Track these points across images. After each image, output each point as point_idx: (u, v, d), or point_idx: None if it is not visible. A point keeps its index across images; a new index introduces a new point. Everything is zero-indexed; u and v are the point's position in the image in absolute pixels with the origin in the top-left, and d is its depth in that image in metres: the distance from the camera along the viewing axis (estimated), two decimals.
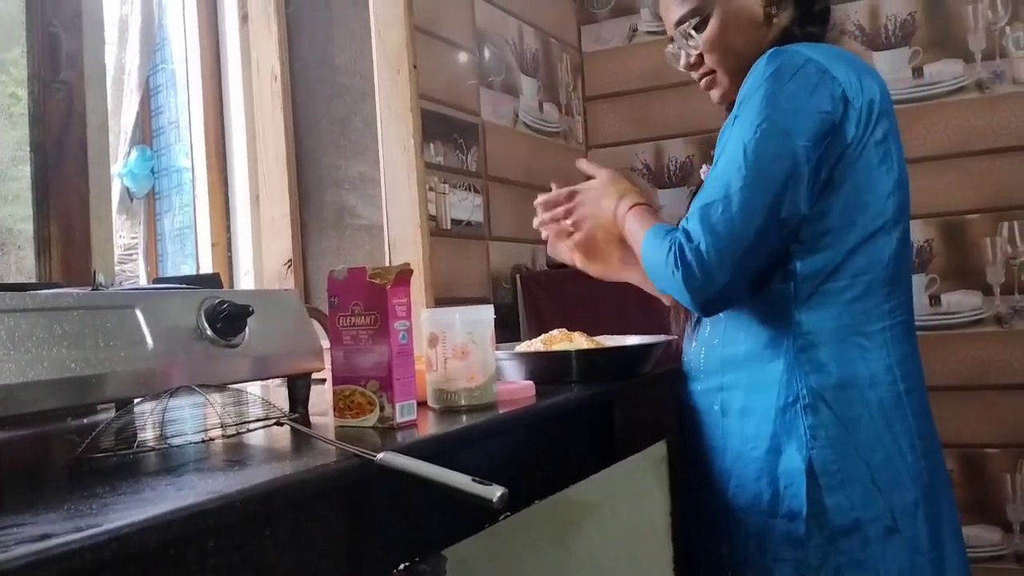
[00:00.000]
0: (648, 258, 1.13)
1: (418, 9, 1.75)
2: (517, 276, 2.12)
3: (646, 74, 2.67)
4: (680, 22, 1.20)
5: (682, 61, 1.23)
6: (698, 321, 1.24)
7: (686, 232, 1.07)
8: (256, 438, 0.83)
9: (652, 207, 1.23)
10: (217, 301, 0.92)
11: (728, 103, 1.19)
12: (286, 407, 1.04)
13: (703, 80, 1.23)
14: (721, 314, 1.17)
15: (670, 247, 1.07)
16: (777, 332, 1.12)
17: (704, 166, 1.20)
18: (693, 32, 1.18)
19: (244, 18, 1.81)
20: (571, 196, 1.31)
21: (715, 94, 1.23)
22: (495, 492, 0.66)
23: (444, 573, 1.43)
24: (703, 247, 1.04)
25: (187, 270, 1.84)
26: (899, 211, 1.13)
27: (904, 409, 1.11)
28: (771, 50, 1.10)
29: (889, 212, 1.11)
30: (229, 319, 0.91)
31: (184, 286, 1.00)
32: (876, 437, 1.09)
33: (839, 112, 1.06)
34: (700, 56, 1.20)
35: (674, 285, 1.08)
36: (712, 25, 1.17)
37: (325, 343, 1.22)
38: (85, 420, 1.11)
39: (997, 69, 2.28)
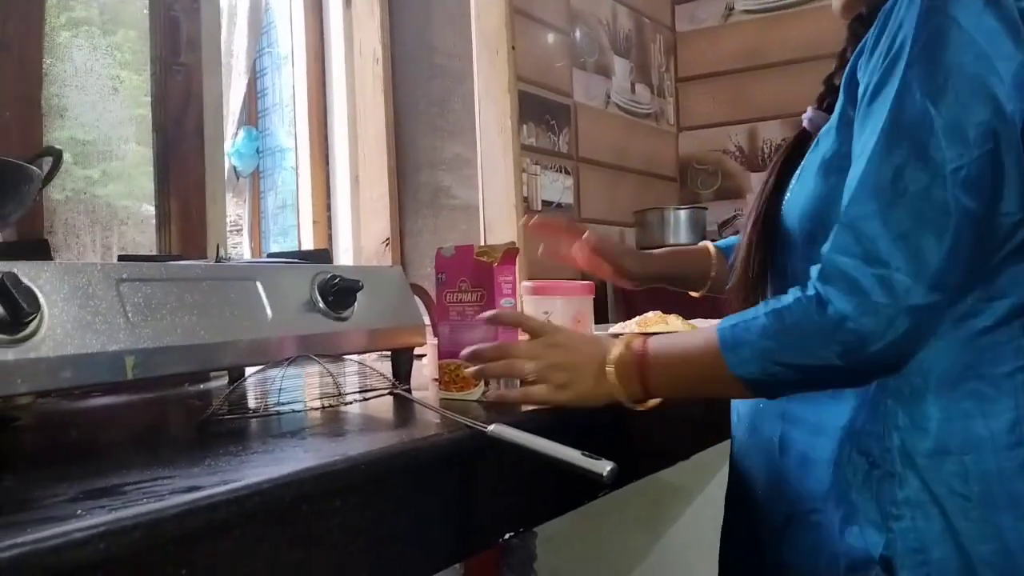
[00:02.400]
0: (767, 353, 0.74)
1: None
2: None
3: (741, 54, 2.60)
4: None
5: None
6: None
7: (829, 267, 0.71)
8: (369, 407, 0.87)
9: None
10: (329, 275, 0.95)
11: (851, 14, 0.88)
12: (389, 376, 1.07)
13: None
14: None
15: (805, 303, 0.72)
16: None
17: (810, 109, 0.89)
18: None
19: (348, 2, 1.86)
20: (538, 333, 0.87)
21: (836, 3, 0.90)
22: (605, 467, 0.67)
23: (534, 547, 1.45)
24: (870, 278, 0.69)
25: (288, 246, 1.91)
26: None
27: None
28: None
29: None
30: (340, 293, 0.95)
31: (297, 261, 1.04)
32: (986, 522, 0.75)
33: None
34: None
35: (839, 346, 0.71)
36: None
37: (426, 319, 1.25)
38: (201, 386, 1.17)
39: None
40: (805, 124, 0.88)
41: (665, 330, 1.30)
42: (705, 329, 0.80)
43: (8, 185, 0.78)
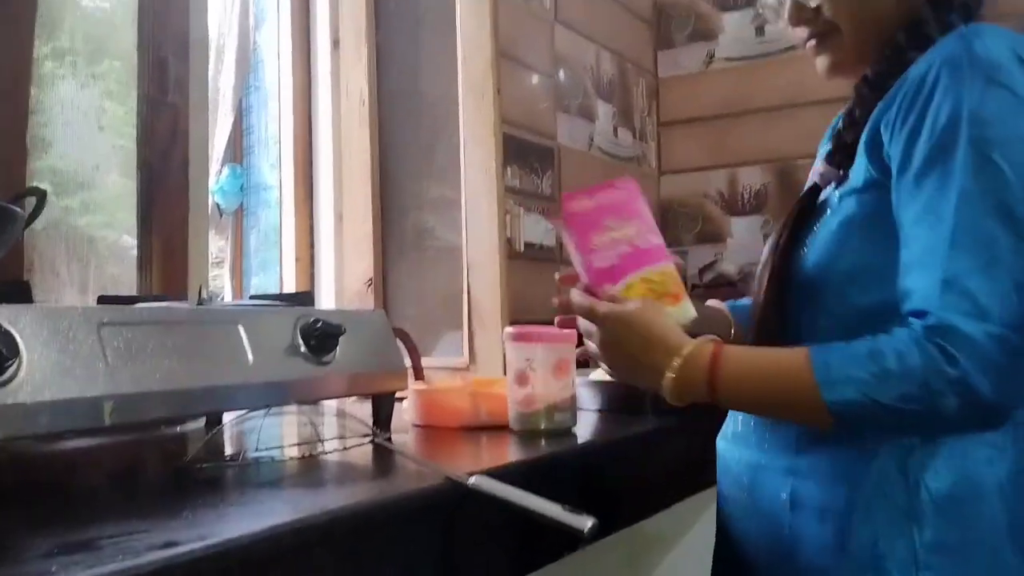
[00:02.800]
0: (867, 387, 0.73)
1: (502, 33, 1.78)
2: None
3: (722, 100, 2.65)
4: None
5: (788, 10, 0.92)
6: None
7: (940, 322, 0.71)
8: (350, 456, 0.86)
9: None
10: (312, 319, 0.95)
11: (838, 75, 0.92)
12: (370, 422, 1.07)
13: (812, 41, 0.93)
14: None
15: (927, 345, 0.71)
16: None
17: (819, 164, 0.89)
18: None
19: (335, 43, 1.88)
20: (595, 318, 0.86)
21: (824, 61, 0.93)
22: (586, 522, 0.67)
23: None
24: (983, 335, 0.69)
25: (270, 284, 1.90)
26: None
27: None
28: (951, 43, 0.79)
29: None
30: (323, 337, 0.95)
31: (279, 303, 1.04)
32: (1003, 568, 0.79)
33: None
34: (818, 8, 0.90)
35: (955, 399, 0.70)
36: None
37: (407, 362, 1.24)
38: (178, 428, 1.16)
39: None
40: (816, 179, 0.89)
41: None
42: (784, 349, 0.79)
43: None
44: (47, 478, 0.83)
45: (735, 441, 0.97)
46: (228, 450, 0.84)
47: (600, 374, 1.36)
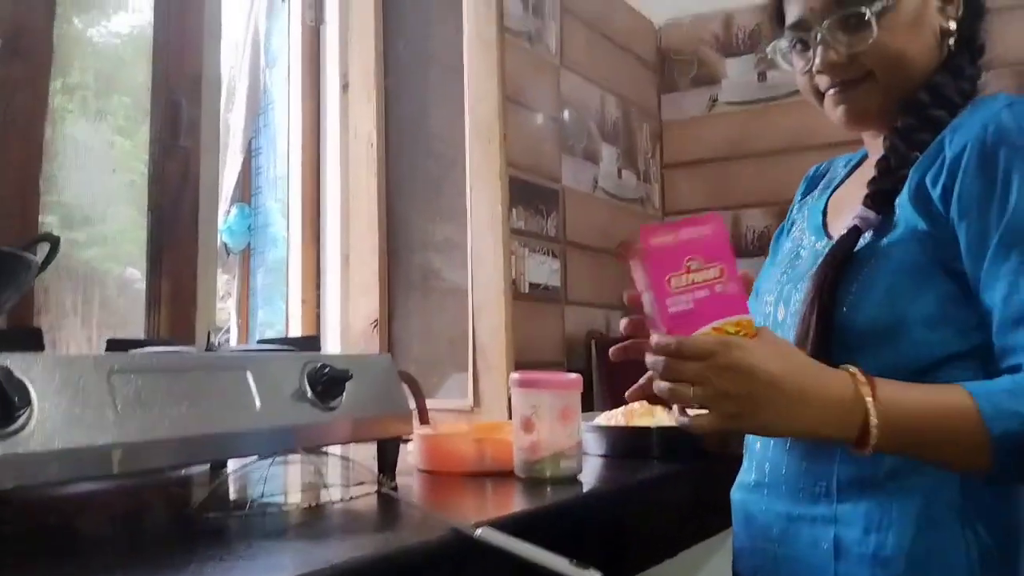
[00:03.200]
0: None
1: (509, 78, 1.81)
2: (592, 341, 2.12)
3: (725, 143, 2.68)
4: (853, 2, 0.88)
5: (819, 60, 0.91)
6: None
7: None
8: (356, 505, 0.86)
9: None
10: (319, 365, 0.95)
11: (859, 125, 0.95)
12: (374, 469, 1.07)
13: (837, 87, 0.92)
14: None
15: None
16: None
17: (861, 208, 0.88)
18: (873, 17, 0.88)
19: (345, 87, 1.90)
20: (702, 356, 0.74)
21: (849, 109, 0.92)
22: None
23: None
24: None
25: (277, 322, 1.91)
26: None
27: None
28: (999, 113, 0.81)
29: None
30: (330, 383, 0.95)
31: (287, 348, 1.04)
32: None
33: None
34: (855, 54, 0.89)
35: None
36: (903, 13, 0.88)
37: (412, 404, 1.24)
38: (183, 472, 1.15)
39: None
40: (857, 222, 0.87)
41: (651, 422, 1.30)
42: (935, 386, 0.77)
43: (6, 274, 0.79)
44: (51, 523, 0.83)
45: (759, 491, 0.94)
46: (233, 498, 0.84)
47: (607, 416, 1.36)
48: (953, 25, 0.90)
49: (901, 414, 0.74)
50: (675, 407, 0.81)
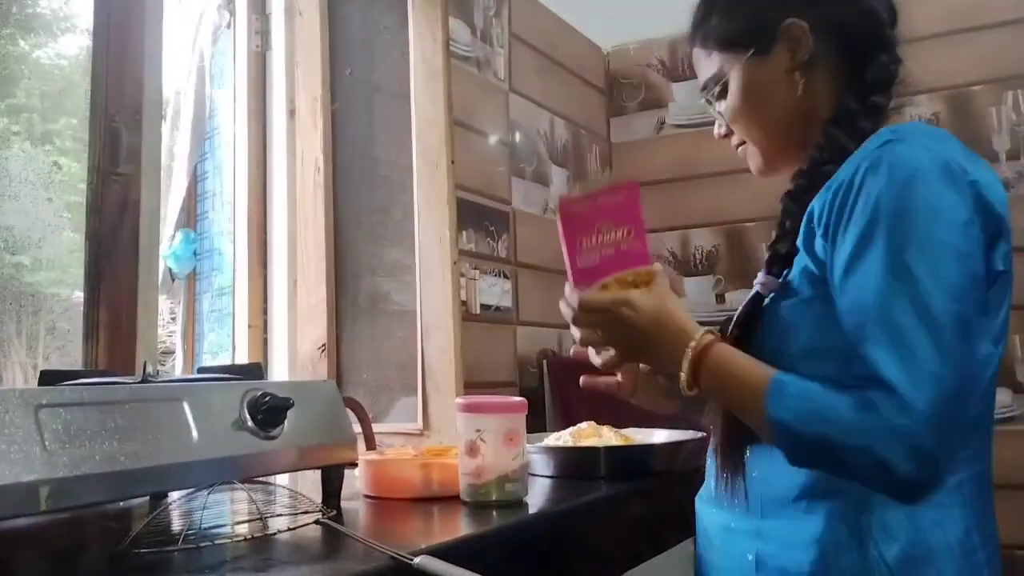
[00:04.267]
0: (799, 404, 0.82)
1: (456, 101, 1.82)
2: (544, 361, 2.13)
3: (673, 165, 2.73)
4: (703, 87, 1.05)
5: (715, 131, 1.07)
6: (735, 441, 0.96)
7: (891, 397, 0.77)
8: (293, 535, 0.85)
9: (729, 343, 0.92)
10: (259, 393, 0.94)
11: (767, 175, 1.04)
12: (318, 497, 1.05)
13: (739, 149, 1.05)
14: (766, 445, 0.89)
15: (865, 405, 0.78)
16: (836, 479, 0.86)
17: (761, 275, 0.96)
18: (716, 103, 1.03)
19: (291, 113, 1.90)
20: (599, 309, 0.93)
21: (752, 164, 1.05)
22: None
23: None
24: (921, 409, 0.75)
25: (220, 345, 1.88)
26: (999, 339, 0.90)
27: None
28: (878, 148, 0.86)
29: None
30: (270, 411, 0.94)
31: (227, 376, 1.03)
32: None
33: (992, 222, 0.84)
34: (729, 127, 1.04)
35: (874, 466, 0.77)
36: (732, 93, 1.00)
37: (357, 429, 1.23)
38: (120, 504, 1.13)
39: (1022, 169, 2.31)
40: (758, 288, 0.95)
41: (598, 442, 1.31)
42: (762, 365, 0.87)
43: None
44: None
45: (708, 502, 1.03)
46: (169, 532, 0.82)
47: (555, 437, 1.36)
48: (798, 76, 0.97)
49: (717, 372, 0.88)
50: (591, 352, 0.99)
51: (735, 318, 0.98)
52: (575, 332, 0.97)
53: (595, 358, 0.99)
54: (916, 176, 0.82)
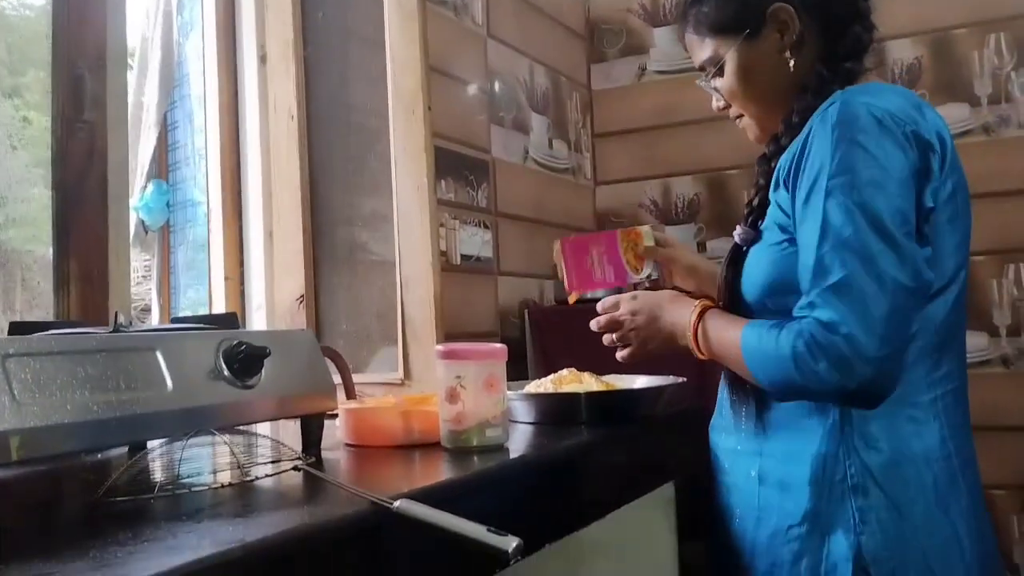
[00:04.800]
0: (759, 358, 0.98)
1: (432, 48, 1.78)
2: (525, 311, 2.13)
3: (654, 112, 2.70)
4: (701, 69, 1.17)
5: (713, 104, 1.19)
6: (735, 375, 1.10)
7: (820, 321, 0.91)
8: (271, 482, 0.84)
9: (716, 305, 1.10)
10: (235, 342, 0.93)
11: (765, 142, 1.13)
12: (299, 446, 1.05)
13: (737, 120, 1.18)
14: None
15: (797, 341, 0.92)
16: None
17: (738, 227, 1.11)
18: (713, 80, 1.15)
19: (263, 59, 1.85)
20: (615, 307, 1.19)
21: (750, 134, 1.18)
22: (510, 543, 0.67)
23: None
24: (848, 330, 0.89)
25: (195, 298, 1.86)
26: (958, 270, 1.04)
27: (959, 487, 1.01)
28: (828, 108, 0.99)
29: (949, 272, 1.02)
30: (246, 360, 0.93)
31: (202, 326, 1.01)
32: (931, 521, 0.98)
33: (922, 164, 0.97)
34: (726, 101, 1.16)
35: (816, 381, 0.91)
36: (727, 74, 1.12)
37: (337, 379, 1.23)
38: (99, 456, 1.12)
39: (1003, 113, 2.30)
40: (737, 239, 1.10)
41: (578, 388, 1.31)
42: (739, 320, 1.04)
43: None
44: None
45: (719, 429, 1.19)
46: (147, 480, 0.82)
47: (536, 384, 1.36)
48: (790, 54, 1.09)
49: (711, 336, 1.06)
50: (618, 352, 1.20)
51: (722, 265, 1.13)
52: (605, 339, 1.21)
53: (619, 354, 1.20)
54: (857, 132, 0.94)
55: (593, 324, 1.20)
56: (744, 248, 1.10)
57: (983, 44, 2.33)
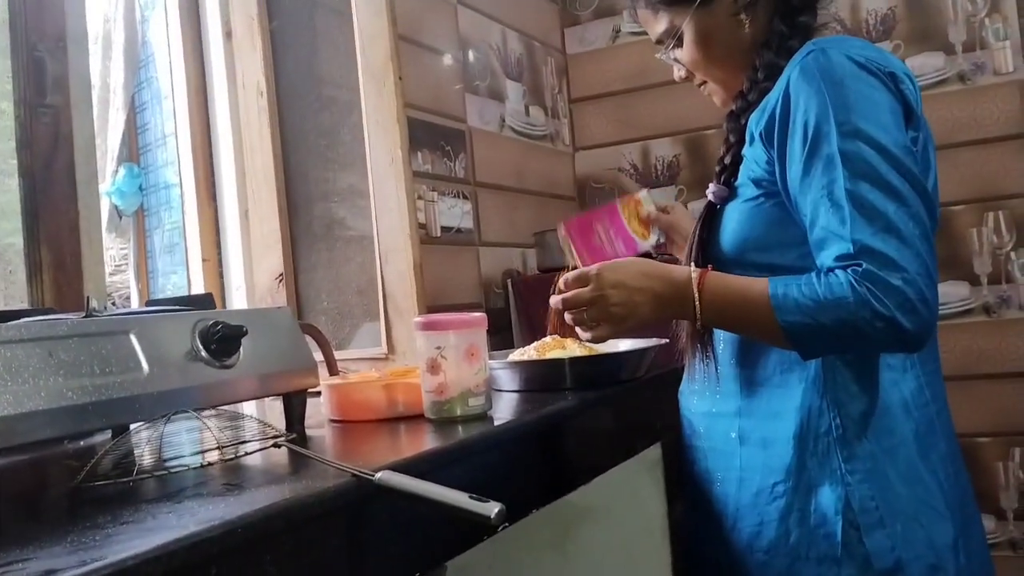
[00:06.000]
0: (801, 308, 0.92)
1: (401, 18, 1.75)
2: (508, 281, 2.13)
3: (630, 74, 2.68)
4: (658, 42, 1.18)
5: (675, 75, 1.20)
6: (708, 336, 1.11)
7: (878, 264, 0.88)
8: (253, 460, 0.84)
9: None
10: (211, 323, 0.92)
11: (730, 105, 1.14)
12: (282, 425, 1.05)
13: (701, 87, 1.20)
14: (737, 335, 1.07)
15: (858, 286, 0.88)
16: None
17: (712, 184, 1.11)
18: (673, 52, 1.16)
19: (228, 34, 1.81)
20: (586, 280, 1.04)
21: (715, 100, 1.20)
22: (492, 509, 0.67)
23: None
24: (909, 272, 0.87)
25: (179, 283, 1.84)
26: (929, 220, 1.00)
27: (937, 434, 1.03)
28: (804, 58, 0.98)
29: None
30: (223, 340, 0.92)
31: (177, 308, 1.00)
32: (912, 468, 1.00)
33: (901, 105, 0.97)
34: (687, 70, 1.18)
35: (877, 324, 0.88)
36: (686, 43, 1.13)
37: (319, 357, 1.22)
38: (82, 443, 1.11)
39: (978, 61, 2.30)
40: (711, 197, 1.11)
41: (562, 354, 1.31)
42: (752, 279, 0.98)
43: None
44: None
45: (689, 395, 1.18)
46: (127, 464, 0.81)
47: (520, 352, 1.36)
48: (744, 15, 1.09)
49: (718, 299, 0.99)
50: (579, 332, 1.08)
51: (696, 223, 1.12)
52: (567, 317, 1.07)
53: (584, 335, 1.07)
54: (844, 77, 0.95)
55: (555, 301, 1.07)
56: (718, 206, 1.11)
57: None
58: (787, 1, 1.10)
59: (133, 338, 0.85)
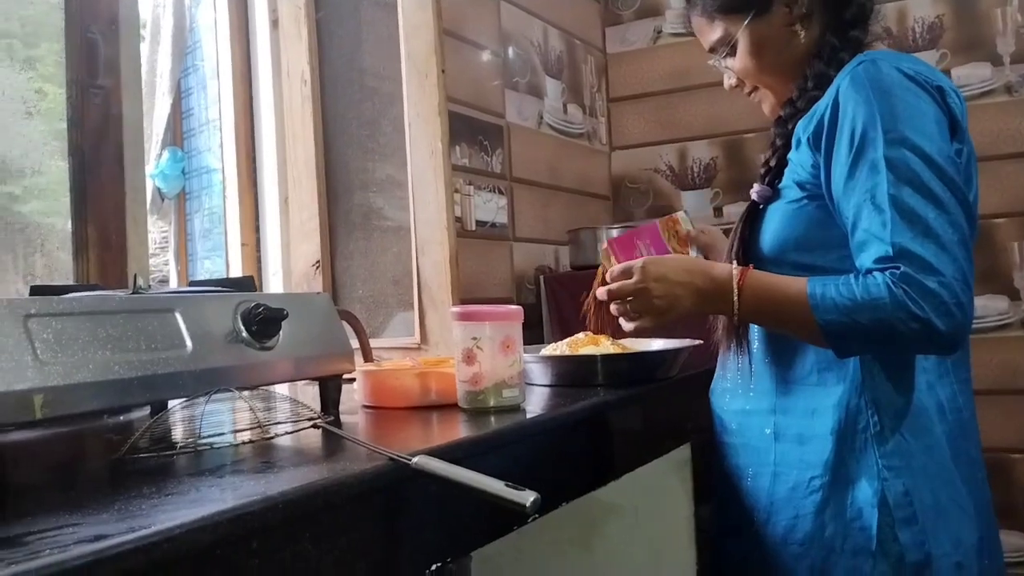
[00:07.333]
0: (839, 307, 0.94)
1: (445, 12, 1.76)
2: (540, 277, 2.13)
3: (670, 75, 2.66)
4: (711, 50, 1.20)
5: (725, 83, 1.22)
6: (744, 333, 1.13)
7: (916, 267, 0.91)
8: (290, 440, 0.85)
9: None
10: (253, 304, 0.94)
11: (779, 112, 1.17)
12: (317, 407, 1.06)
13: (751, 95, 1.22)
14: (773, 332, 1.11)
15: (895, 287, 0.91)
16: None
17: (756, 185, 1.13)
18: (725, 60, 1.18)
19: (275, 23, 1.83)
20: (627, 275, 1.10)
21: (764, 108, 1.22)
22: (528, 497, 0.67)
23: (469, 573, 1.44)
24: (945, 276, 0.90)
25: (211, 269, 1.87)
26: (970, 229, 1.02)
27: (968, 439, 1.07)
28: (855, 68, 1.02)
29: None
30: (264, 322, 0.93)
31: (220, 289, 1.02)
32: (944, 468, 1.03)
33: (948, 119, 1.00)
34: (739, 78, 1.20)
35: (914, 326, 0.90)
36: (740, 52, 1.15)
37: (355, 343, 1.23)
38: (122, 418, 1.14)
39: None
40: (755, 196, 1.13)
41: (595, 351, 1.31)
42: (792, 278, 1.01)
43: None
44: None
45: (722, 394, 1.21)
46: (168, 438, 0.83)
47: (552, 347, 1.37)
48: (799, 27, 1.12)
49: (757, 296, 1.02)
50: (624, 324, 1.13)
51: (738, 222, 1.14)
52: (613, 308, 1.13)
53: (627, 326, 1.12)
54: (893, 87, 0.98)
55: (601, 292, 1.13)
56: (761, 206, 1.13)
57: (1006, 2, 2.28)
58: (840, 15, 1.13)
59: (178, 316, 0.86)
